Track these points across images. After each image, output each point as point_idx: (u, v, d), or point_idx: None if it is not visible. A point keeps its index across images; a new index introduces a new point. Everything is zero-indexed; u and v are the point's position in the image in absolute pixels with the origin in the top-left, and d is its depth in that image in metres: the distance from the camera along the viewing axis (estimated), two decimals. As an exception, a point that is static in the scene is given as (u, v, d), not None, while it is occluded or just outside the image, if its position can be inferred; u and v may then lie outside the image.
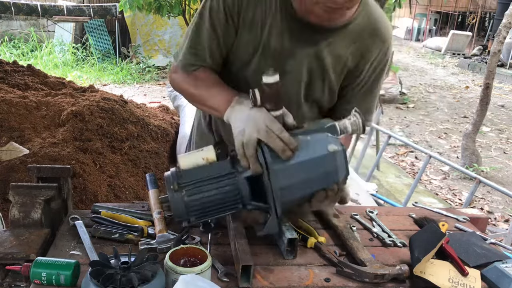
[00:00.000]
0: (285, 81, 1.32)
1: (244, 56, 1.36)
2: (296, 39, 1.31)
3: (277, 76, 1.15)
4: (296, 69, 1.35)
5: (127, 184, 2.95)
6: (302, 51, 1.33)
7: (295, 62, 1.34)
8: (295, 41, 1.32)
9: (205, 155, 1.19)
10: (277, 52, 1.33)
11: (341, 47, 1.33)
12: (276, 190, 1.13)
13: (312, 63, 1.34)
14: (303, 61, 1.34)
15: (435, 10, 16.20)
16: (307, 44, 1.32)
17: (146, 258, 1.05)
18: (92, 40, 9.21)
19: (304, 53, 1.33)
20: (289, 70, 1.34)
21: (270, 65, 1.30)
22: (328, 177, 1.19)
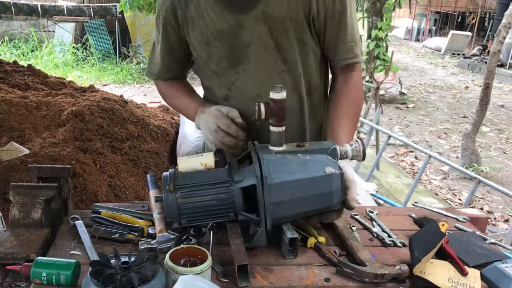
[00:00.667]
0: (251, 53, 1.35)
1: (203, 52, 1.39)
2: (236, 10, 1.31)
3: (284, 93, 1.17)
4: (255, 37, 1.33)
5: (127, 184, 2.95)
6: (248, 17, 1.31)
7: (248, 31, 1.33)
8: (236, 13, 1.31)
9: (204, 160, 1.22)
10: (226, 31, 1.33)
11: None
12: (268, 205, 1.16)
13: (266, 24, 1.32)
14: (256, 26, 1.32)
15: (434, 10, 16.21)
16: (249, 9, 1.30)
17: (146, 258, 1.05)
18: (92, 40, 9.22)
19: (250, 19, 1.31)
20: (249, 41, 1.34)
21: (227, 47, 1.35)
22: (322, 199, 1.21)
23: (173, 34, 1.40)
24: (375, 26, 7.62)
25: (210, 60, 1.39)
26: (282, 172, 1.18)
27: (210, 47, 1.36)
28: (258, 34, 1.33)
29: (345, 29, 1.37)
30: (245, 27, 1.32)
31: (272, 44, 1.34)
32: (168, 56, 1.46)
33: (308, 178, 1.18)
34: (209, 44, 1.36)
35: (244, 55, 1.36)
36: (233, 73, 1.39)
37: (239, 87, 1.41)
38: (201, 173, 1.21)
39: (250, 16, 1.31)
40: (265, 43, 1.34)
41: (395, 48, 12.98)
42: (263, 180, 1.15)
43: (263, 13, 1.30)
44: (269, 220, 1.17)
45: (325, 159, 1.22)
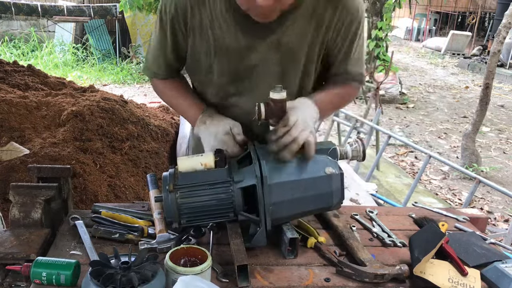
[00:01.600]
0: (256, 74, 1.35)
1: (204, 62, 1.37)
2: (251, 33, 1.30)
3: (284, 93, 1.17)
4: (262, 62, 1.33)
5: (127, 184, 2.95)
6: (261, 43, 1.31)
7: (259, 54, 1.32)
8: (250, 36, 1.30)
9: (203, 160, 1.22)
10: (235, 50, 1.32)
11: (302, 26, 1.30)
12: (268, 205, 1.16)
13: (278, 52, 1.32)
14: (268, 53, 1.32)
15: (435, 10, 16.21)
16: (263, 35, 1.30)
17: (146, 258, 1.05)
18: (92, 40, 9.22)
19: (264, 44, 1.31)
20: (256, 64, 1.34)
21: (233, 64, 1.34)
22: (322, 199, 1.21)
23: (179, 33, 1.37)
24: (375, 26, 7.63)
25: (211, 70, 1.37)
26: (281, 172, 1.18)
27: (214, 59, 1.35)
28: (268, 59, 1.33)
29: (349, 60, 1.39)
30: (257, 50, 1.32)
31: (279, 71, 1.35)
32: (172, 54, 1.42)
33: (308, 178, 1.18)
34: (214, 56, 1.34)
35: (247, 74, 1.36)
36: (231, 88, 1.39)
37: (233, 102, 1.40)
38: (201, 173, 1.21)
39: (264, 42, 1.31)
40: (272, 69, 1.34)
41: (395, 48, 12.99)
42: (263, 180, 1.15)
43: (278, 41, 1.31)
44: (269, 220, 1.17)
45: (325, 160, 1.22)
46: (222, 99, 1.42)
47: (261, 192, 1.15)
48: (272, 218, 1.18)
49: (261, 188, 1.15)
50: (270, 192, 1.15)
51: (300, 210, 1.22)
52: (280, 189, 1.16)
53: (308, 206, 1.22)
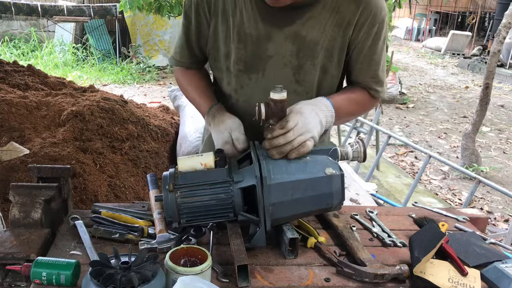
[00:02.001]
0: (270, 65, 1.35)
1: (223, 47, 1.38)
2: (270, 22, 1.30)
3: (284, 93, 1.17)
4: (278, 52, 1.33)
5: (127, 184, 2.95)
6: (279, 32, 1.31)
7: (275, 45, 1.32)
8: (269, 24, 1.31)
9: (203, 160, 1.22)
10: (253, 38, 1.33)
11: (322, 20, 1.30)
12: (267, 205, 1.16)
13: (295, 43, 1.32)
14: (284, 43, 1.32)
15: (435, 10, 16.21)
16: (282, 25, 1.30)
17: (146, 258, 1.05)
18: (92, 40, 9.21)
19: (281, 34, 1.31)
20: (271, 54, 1.34)
21: (249, 52, 1.35)
22: (322, 199, 1.21)
23: (203, 17, 1.38)
24: (375, 26, 7.60)
25: (228, 57, 1.39)
26: (281, 173, 1.18)
27: (232, 46, 1.36)
28: (284, 51, 1.33)
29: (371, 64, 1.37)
30: (273, 40, 1.32)
31: (295, 64, 1.34)
32: (196, 43, 1.44)
33: (308, 178, 1.18)
34: (232, 42, 1.35)
35: (262, 65, 1.36)
36: (245, 77, 1.39)
37: (246, 93, 1.41)
38: (201, 173, 1.21)
39: (282, 32, 1.31)
40: (287, 61, 1.34)
41: (395, 48, 12.99)
42: (263, 180, 1.15)
43: (296, 33, 1.30)
44: (269, 221, 1.17)
45: (326, 160, 1.22)
46: (235, 90, 1.42)
47: (260, 192, 1.15)
48: (272, 218, 1.18)
49: (261, 188, 1.15)
50: (270, 193, 1.15)
51: (300, 210, 1.22)
52: (280, 190, 1.16)
53: (308, 207, 1.22)
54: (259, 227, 1.20)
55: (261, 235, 1.21)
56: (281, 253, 1.26)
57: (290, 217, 1.24)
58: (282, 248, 1.26)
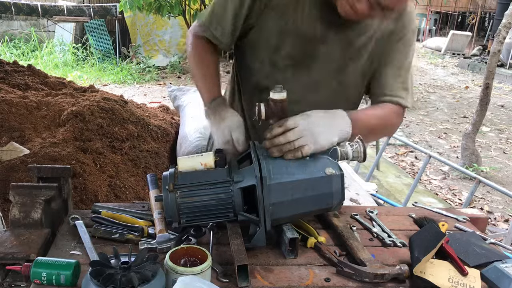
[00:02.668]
0: (315, 66, 1.36)
1: (271, 40, 1.36)
2: (328, 25, 1.31)
3: (284, 93, 1.17)
4: (327, 55, 1.35)
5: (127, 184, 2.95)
6: (334, 36, 1.33)
7: (327, 47, 1.34)
8: (327, 27, 1.32)
9: (203, 160, 1.22)
10: (309, 38, 1.33)
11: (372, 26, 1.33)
12: (267, 205, 1.16)
13: (345, 48, 1.34)
14: (335, 47, 1.34)
15: (435, 10, 16.20)
16: (340, 30, 1.31)
17: (146, 258, 1.05)
18: (92, 40, 9.21)
19: (336, 38, 1.33)
20: (320, 55, 1.35)
21: (301, 50, 1.35)
22: (322, 199, 1.21)
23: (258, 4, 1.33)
24: (375, 26, 7.61)
25: (277, 51, 1.37)
26: (281, 173, 1.18)
27: (284, 40, 1.34)
28: (333, 53, 1.34)
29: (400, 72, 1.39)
30: (327, 42, 1.33)
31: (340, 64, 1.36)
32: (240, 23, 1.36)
33: (308, 178, 1.18)
34: (286, 37, 1.34)
35: (309, 63, 1.37)
36: (289, 73, 1.38)
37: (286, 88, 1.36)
38: (201, 173, 1.21)
39: (336, 36, 1.32)
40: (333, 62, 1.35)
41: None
42: (263, 180, 1.15)
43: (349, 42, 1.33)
44: (269, 221, 1.17)
45: (326, 160, 1.22)
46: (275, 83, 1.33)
47: (260, 192, 1.15)
48: (272, 218, 1.18)
49: (261, 188, 1.15)
50: (270, 192, 1.15)
51: (300, 210, 1.22)
52: (279, 190, 1.16)
53: (308, 207, 1.22)
54: (259, 227, 1.20)
55: (261, 235, 1.21)
56: (281, 253, 1.26)
57: (290, 217, 1.24)
58: (282, 248, 1.26)
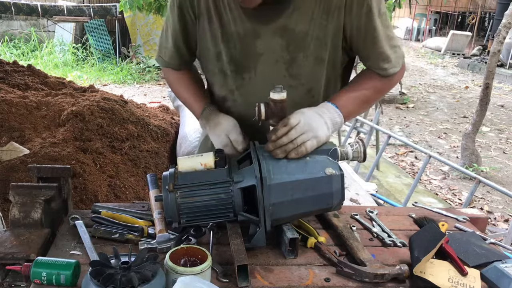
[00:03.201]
0: (261, 63, 1.32)
1: (211, 48, 1.35)
2: (256, 19, 1.27)
3: (284, 93, 1.17)
4: (268, 49, 1.30)
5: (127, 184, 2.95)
6: (266, 29, 1.28)
7: (264, 42, 1.29)
8: (255, 21, 1.27)
9: (203, 160, 1.22)
10: (241, 36, 1.30)
11: (308, 10, 1.25)
12: (267, 205, 1.16)
13: (284, 37, 1.28)
14: (273, 39, 1.28)
15: (435, 10, 16.21)
16: (269, 21, 1.26)
17: (146, 258, 1.05)
18: (92, 40, 9.22)
19: (269, 30, 1.28)
20: (261, 51, 1.31)
21: (239, 50, 1.32)
22: (322, 199, 1.21)
23: (188, 17, 1.35)
24: (375, 26, 7.60)
25: (219, 58, 1.36)
26: (281, 173, 1.18)
27: (222, 46, 1.33)
28: (273, 46, 1.30)
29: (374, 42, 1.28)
30: (261, 37, 1.29)
31: (287, 58, 1.31)
32: (181, 40, 1.40)
33: (308, 178, 1.18)
34: (222, 42, 1.33)
35: (253, 64, 1.33)
36: (239, 78, 1.37)
37: (242, 93, 1.39)
38: (201, 173, 1.21)
39: (269, 28, 1.28)
40: (278, 56, 1.31)
41: (395, 48, 12.95)
42: (263, 180, 1.15)
43: (284, 27, 1.27)
44: (269, 221, 1.17)
45: (326, 160, 1.22)
46: (231, 92, 1.40)
47: (260, 193, 1.15)
48: (272, 218, 1.18)
49: (261, 188, 1.15)
50: (270, 193, 1.15)
51: (300, 210, 1.22)
52: (280, 190, 1.16)
53: (308, 207, 1.22)
54: (259, 227, 1.20)
55: (261, 235, 1.21)
56: (281, 253, 1.26)
57: (290, 217, 1.24)
58: (282, 248, 1.26)
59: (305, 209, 1.23)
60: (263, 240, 1.22)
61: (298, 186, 1.18)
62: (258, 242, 1.22)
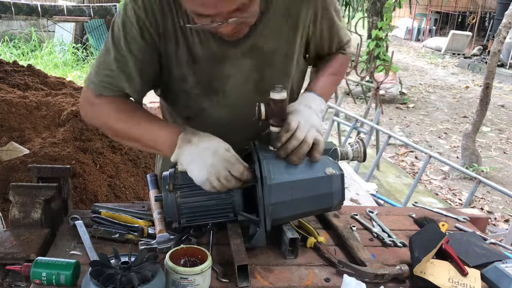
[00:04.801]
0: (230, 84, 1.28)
1: (177, 71, 1.26)
2: (223, 42, 1.21)
3: (284, 93, 1.16)
4: (237, 70, 1.26)
5: (127, 184, 2.95)
6: (234, 51, 1.24)
7: (232, 64, 1.25)
8: (223, 43, 1.21)
9: None
10: (209, 59, 1.23)
11: (277, 27, 1.24)
12: (267, 205, 1.15)
13: (253, 57, 1.26)
14: (242, 60, 1.25)
15: (435, 10, 16.21)
16: (236, 42, 1.22)
17: (146, 258, 1.05)
18: (92, 40, 9.22)
19: (237, 51, 1.24)
20: (230, 73, 1.27)
21: (208, 73, 1.26)
22: (322, 199, 1.21)
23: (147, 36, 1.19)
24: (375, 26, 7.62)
25: (184, 80, 1.27)
26: (281, 173, 1.18)
27: (187, 68, 1.25)
28: (242, 67, 1.26)
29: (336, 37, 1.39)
30: (230, 59, 1.24)
31: (255, 77, 1.29)
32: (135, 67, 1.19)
33: (308, 178, 1.18)
34: (187, 64, 1.24)
35: (221, 86, 1.28)
36: (205, 100, 1.30)
37: (209, 115, 1.32)
38: None
39: (238, 50, 1.24)
40: (247, 76, 1.27)
41: (395, 48, 12.98)
42: (263, 180, 1.14)
43: (252, 46, 1.24)
44: (269, 221, 1.17)
45: (326, 160, 1.22)
46: (196, 114, 1.32)
47: (260, 193, 1.15)
48: (272, 218, 1.18)
49: (261, 188, 1.15)
50: (270, 192, 1.15)
51: (300, 210, 1.22)
52: (280, 190, 1.16)
53: (308, 207, 1.22)
54: (259, 227, 1.20)
55: (261, 235, 1.21)
56: (281, 253, 1.26)
57: (290, 217, 1.24)
58: (282, 248, 1.26)
59: (305, 209, 1.23)
60: (263, 240, 1.22)
61: (298, 186, 1.17)
62: (258, 242, 1.22)
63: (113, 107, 1.20)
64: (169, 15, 1.19)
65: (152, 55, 1.22)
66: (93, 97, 1.21)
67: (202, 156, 1.11)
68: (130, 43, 1.18)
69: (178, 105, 1.36)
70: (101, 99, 1.20)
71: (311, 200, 1.20)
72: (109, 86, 1.19)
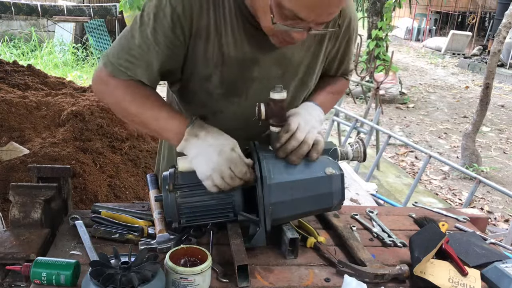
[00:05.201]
0: (253, 88, 1.30)
1: (203, 70, 1.24)
2: (256, 46, 1.23)
3: (284, 93, 1.17)
4: (263, 76, 1.28)
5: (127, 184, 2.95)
6: (266, 56, 1.25)
7: (261, 69, 1.27)
8: (256, 48, 1.23)
9: None
10: (239, 61, 1.24)
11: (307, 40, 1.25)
12: (267, 205, 1.15)
13: (281, 67, 1.29)
14: (270, 67, 1.28)
15: (435, 10, 16.21)
16: (269, 49, 1.23)
17: (146, 258, 1.04)
18: (92, 40, 9.22)
19: (268, 58, 1.26)
20: (257, 77, 1.28)
21: (235, 75, 1.26)
22: (322, 199, 1.21)
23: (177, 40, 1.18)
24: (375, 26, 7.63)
25: (208, 79, 1.26)
26: (281, 172, 1.18)
27: (213, 69, 1.24)
28: (269, 74, 1.28)
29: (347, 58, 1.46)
30: (259, 64, 1.26)
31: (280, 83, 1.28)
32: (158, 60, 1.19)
33: (308, 178, 1.18)
34: (216, 65, 1.23)
35: (245, 89, 1.29)
36: (226, 101, 1.30)
37: (226, 117, 1.32)
38: None
39: (268, 56, 1.26)
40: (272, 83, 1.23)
41: (395, 48, 12.99)
42: (263, 180, 1.14)
43: (282, 56, 1.27)
44: (269, 221, 1.17)
45: (326, 160, 1.22)
46: (214, 114, 1.32)
47: (260, 192, 1.15)
48: (272, 218, 1.18)
49: (261, 188, 1.15)
50: (270, 192, 1.15)
51: (300, 210, 1.22)
52: (280, 189, 1.16)
53: (308, 207, 1.22)
54: (259, 227, 1.20)
55: (261, 235, 1.21)
56: (281, 253, 1.26)
57: (290, 217, 1.24)
58: (282, 248, 1.26)
59: (305, 209, 1.23)
60: (263, 240, 1.22)
61: (298, 186, 1.17)
62: (258, 242, 1.22)
63: (128, 91, 1.19)
64: (206, 12, 1.18)
65: (178, 51, 1.21)
66: (108, 76, 1.20)
67: (207, 152, 1.12)
68: (158, 34, 1.16)
69: (195, 104, 1.34)
70: (117, 80, 1.19)
71: (311, 200, 1.20)
72: (127, 71, 1.18)
